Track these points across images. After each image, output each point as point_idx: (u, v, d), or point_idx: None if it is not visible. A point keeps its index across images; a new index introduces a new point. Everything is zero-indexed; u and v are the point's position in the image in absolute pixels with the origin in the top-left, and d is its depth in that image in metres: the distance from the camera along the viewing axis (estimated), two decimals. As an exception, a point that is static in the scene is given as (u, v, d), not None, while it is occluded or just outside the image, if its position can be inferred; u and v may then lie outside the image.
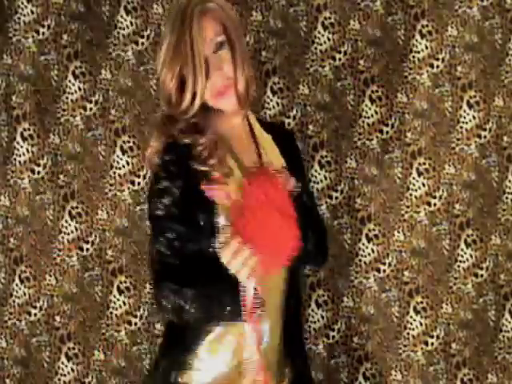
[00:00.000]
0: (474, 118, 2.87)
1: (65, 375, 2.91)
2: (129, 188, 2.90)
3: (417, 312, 2.88)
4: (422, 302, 2.88)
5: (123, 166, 2.89)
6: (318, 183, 2.87)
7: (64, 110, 2.90)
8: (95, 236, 2.89)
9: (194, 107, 1.71)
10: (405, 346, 2.88)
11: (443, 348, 2.89)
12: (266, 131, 1.89)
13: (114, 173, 2.89)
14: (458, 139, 2.87)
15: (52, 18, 2.90)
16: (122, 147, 2.89)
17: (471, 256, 2.87)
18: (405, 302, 2.88)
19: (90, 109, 2.90)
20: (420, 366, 2.88)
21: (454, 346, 2.88)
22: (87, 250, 2.90)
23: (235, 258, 1.55)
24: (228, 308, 1.64)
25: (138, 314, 2.89)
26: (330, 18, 2.87)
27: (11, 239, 2.91)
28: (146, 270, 2.88)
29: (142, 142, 2.88)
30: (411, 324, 2.88)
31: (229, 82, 1.72)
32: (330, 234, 2.86)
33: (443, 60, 2.87)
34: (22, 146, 2.90)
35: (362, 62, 2.88)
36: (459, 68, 2.87)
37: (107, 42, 2.89)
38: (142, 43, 2.89)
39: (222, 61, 1.71)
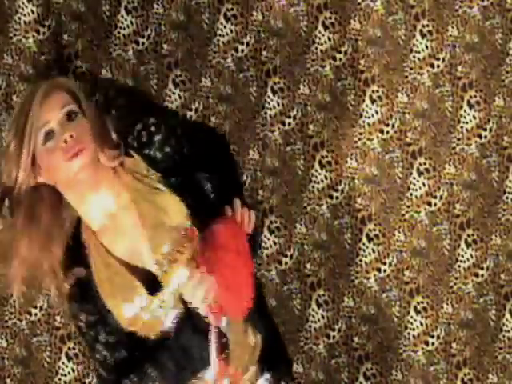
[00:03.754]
0: (474, 117, 2.87)
1: (65, 375, 2.91)
2: (129, 188, 2.89)
3: (417, 312, 2.88)
4: (422, 302, 2.88)
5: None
6: (318, 183, 2.87)
7: (64, 110, 2.89)
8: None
9: (20, 184, 1.68)
10: (405, 345, 2.88)
11: (444, 348, 2.88)
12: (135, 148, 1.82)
13: (115, 173, 2.89)
14: (459, 139, 2.87)
15: (52, 18, 2.90)
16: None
17: (472, 256, 2.87)
18: (405, 301, 2.88)
19: (91, 109, 2.90)
20: (420, 365, 2.88)
21: (454, 345, 2.88)
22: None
23: (198, 287, 1.58)
24: (197, 357, 1.66)
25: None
26: (330, 17, 2.87)
27: (11, 239, 2.91)
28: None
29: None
30: (412, 324, 2.88)
31: (82, 145, 1.67)
32: (330, 233, 2.86)
33: (444, 60, 2.87)
34: (22, 146, 2.90)
35: (362, 61, 2.88)
36: (460, 68, 2.87)
37: (107, 42, 2.89)
38: (143, 43, 2.88)
39: (74, 127, 1.68)
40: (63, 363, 2.91)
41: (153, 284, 1.74)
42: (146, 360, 1.71)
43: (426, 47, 2.87)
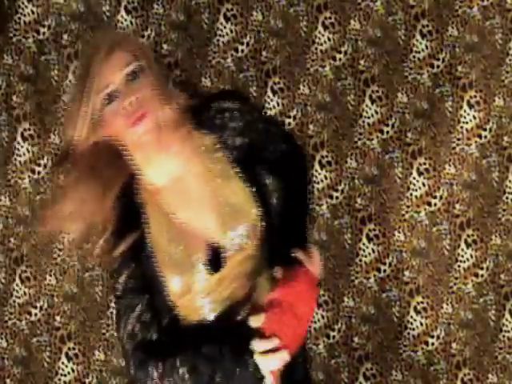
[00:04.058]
0: (474, 117, 2.87)
1: (65, 375, 2.91)
2: (129, 188, 2.89)
3: (417, 312, 2.88)
4: (422, 302, 2.88)
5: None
6: (318, 183, 2.87)
7: (64, 110, 2.90)
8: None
9: (80, 144, 1.62)
10: (405, 345, 2.88)
11: (444, 348, 2.89)
12: (210, 128, 1.72)
13: (115, 173, 2.89)
14: (459, 139, 2.87)
15: (52, 18, 2.90)
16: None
17: (471, 256, 2.87)
18: (405, 301, 2.88)
19: (91, 109, 2.90)
20: (420, 365, 2.88)
21: (454, 345, 2.88)
22: (87, 249, 2.90)
23: (271, 355, 1.52)
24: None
25: (139, 314, 2.88)
26: (330, 17, 2.87)
27: (11, 239, 2.91)
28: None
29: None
30: (412, 324, 2.88)
31: (144, 109, 1.60)
32: (330, 233, 2.86)
33: (443, 60, 2.87)
34: (22, 146, 2.90)
35: (362, 61, 2.88)
36: (459, 68, 2.87)
37: (107, 42, 2.89)
38: (142, 43, 2.89)
39: (137, 89, 1.61)
40: (63, 363, 2.91)
41: (213, 262, 1.65)
42: (178, 353, 1.60)
43: (426, 47, 2.87)
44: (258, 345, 1.53)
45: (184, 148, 1.70)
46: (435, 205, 2.88)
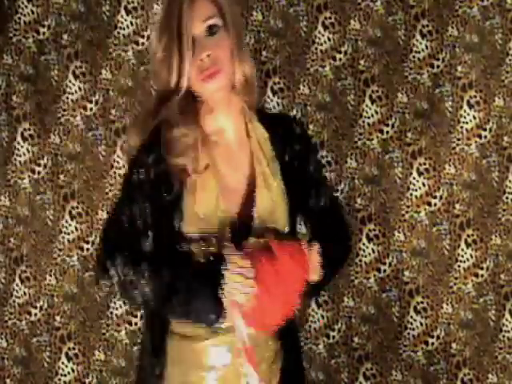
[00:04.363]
0: (474, 117, 2.87)
1: (65, 375, 2.91)
2: (129, 188, 2.89)
3: (417, 312, 2.88)
4: (422, 302, 2.88)
5: (124, 166, 2.89)
6: (318, 183, 2.87)
7: (64, 110, 2.90)
8: (95, 236, 2.89)
9: (180, 88, 1.61)
10: (405, 345, 2.88)
11: (443, 348, 2.89)
12: (266, 128, 1.75)
13: (115, 173, 2.89)
14: (458, 139, 2.87)
15: (52, 18, 2.90)
16: (122, 147, 2.89)
17: (471, 256, 2.87)
18: (405, 301, 2.88)
19: (90, 109, 2.90)
20: (420, 365, 2.88)
21: (454, 345, 2.88)
22: (87, 249, 2.90)
23: (239, 277, 1.52)
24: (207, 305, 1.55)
25: (138, 313, 2.89)
26: (330, 17, 2.87)
27: (11, 239, 2.91)
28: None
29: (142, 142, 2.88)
30: (411, 324, 2.88)
31: (218, 66, 1.61)
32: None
33: (443, 60, 2.87)
34: (22, 146, 2.90)
35: (362, 61, 2.88)
36: (459, 68, 2.87)
37: (107, 41, 2.89)
38: (142, 43, 2.89)
39: (214, 44, 1.61)
40: (63, 363, 2.91)
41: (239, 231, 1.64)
42: (164, 265, 1.58)
43: (426, 47, 2.87)
44: (233, 258, 1.53)
45: (240, 119, 1.72)
46: (435, 205, 2.88)
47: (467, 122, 2.87)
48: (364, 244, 2.88)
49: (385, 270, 2.88)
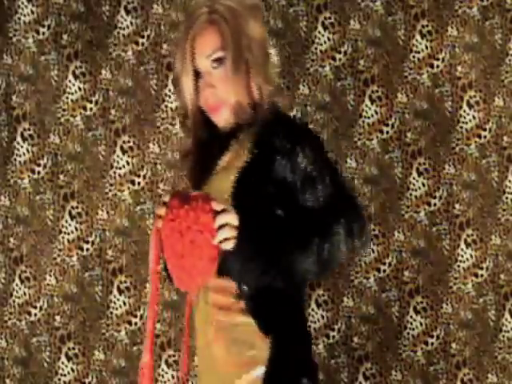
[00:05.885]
0: (474, 117, 2.87)
1: (65, 375, 2.91)
2: (129, 188, 2.89)
3: (417, 312, 2.88)
4: (422, 302, 2.88)
5: (123, 166, 2.89)
6: (318, 183, 2.87)
7: (64, 110, 2.90)
8: (95, 236, 2.89)
9: (188, 113, 1.70)
10: (405, 345, 2.88)
11: (443, 348, 2.89)
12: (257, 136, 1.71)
13: (114, 173, 2.89)
14: (458, 139, 2.88)
15: (52, 18, 2.90)
16: (122, 147, 2.90)
17: (471, 256, 2.88)
18: (405, 301, 2.88)
19: (90, 109, 2.90)
20: (420, 365, 2.88)
21: (454, 345, 2.88)
22: (87, 249, 2.90)
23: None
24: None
25: (138, 313, 2.89)
26: (330, 17, 2.87)
27: (11, 239, 2.91)
28: (146, 269, 2.87)
29: (141, 142, 2.88)
30: (411, 324, 2.88)
31: (220, 102, 1.65)
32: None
33: (443, 60, 2.87)
34: (22, 146, 2.90)
35: (362, 61, 2.88)
36: (459, 68, 2.87)
37: (107, 41, 2.89)
38: (142, 43, 2.89)
39: (218, 78, 1.65)
40: (63, 363, 2.91)
41: None
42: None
43: (426, 47, 2.87)
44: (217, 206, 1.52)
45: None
46: (435, 205, 2.88)
47: (467, 122, 2.87)
48: (364, 244, 2.88)
49: (385, 270, 2.88)
